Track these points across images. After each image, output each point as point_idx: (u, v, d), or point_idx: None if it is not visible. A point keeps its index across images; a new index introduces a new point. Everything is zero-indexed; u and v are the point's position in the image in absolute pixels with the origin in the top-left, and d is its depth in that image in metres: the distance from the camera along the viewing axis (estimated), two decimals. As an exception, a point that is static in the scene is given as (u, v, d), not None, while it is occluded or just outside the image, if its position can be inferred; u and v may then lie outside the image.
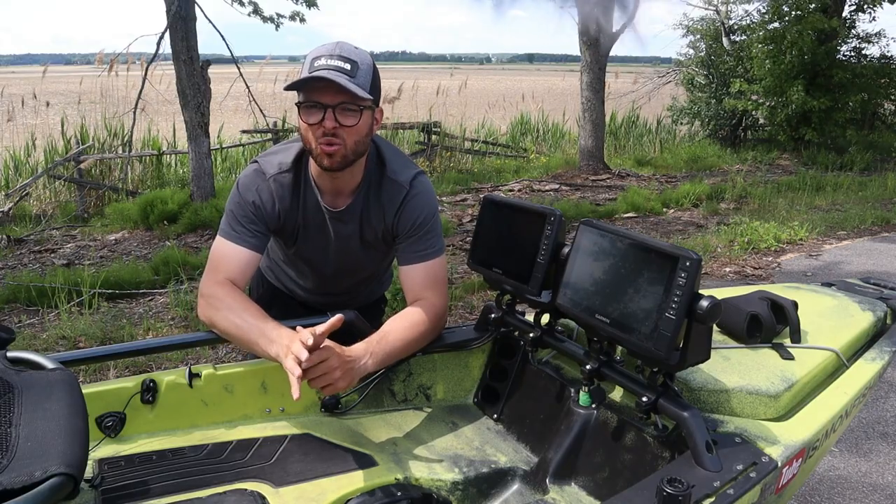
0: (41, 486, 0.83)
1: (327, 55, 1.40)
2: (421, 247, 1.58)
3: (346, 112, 1.41)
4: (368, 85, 1.43)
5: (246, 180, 1.55)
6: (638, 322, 1.20)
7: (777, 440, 1.25)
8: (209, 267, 1.52)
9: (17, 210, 6.94)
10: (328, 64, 1.39)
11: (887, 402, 3.26)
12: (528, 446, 1.51)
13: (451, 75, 18.35)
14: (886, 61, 12.24)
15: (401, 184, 1.57)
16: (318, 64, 1.39)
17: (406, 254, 1.59)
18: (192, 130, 6.53)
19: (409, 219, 1.57)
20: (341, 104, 1.40)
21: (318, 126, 1.41)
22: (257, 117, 7.85)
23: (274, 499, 1.23)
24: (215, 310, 1.45)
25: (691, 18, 14.08)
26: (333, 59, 1.39)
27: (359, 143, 1.46)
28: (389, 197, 1.57)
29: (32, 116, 10.61)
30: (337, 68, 1.39)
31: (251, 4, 7.71)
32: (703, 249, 5.90)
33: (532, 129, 12.90)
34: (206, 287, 1.49)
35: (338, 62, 1.39)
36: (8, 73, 35.80)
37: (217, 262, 1.51)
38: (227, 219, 1.54)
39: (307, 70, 1.40)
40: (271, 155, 1.58)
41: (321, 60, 1.40)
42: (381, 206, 1.58)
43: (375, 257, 1.72)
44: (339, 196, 1.58)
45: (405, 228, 1.58)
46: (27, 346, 3.66)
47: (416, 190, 1.58)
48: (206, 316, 1.48)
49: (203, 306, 1.49)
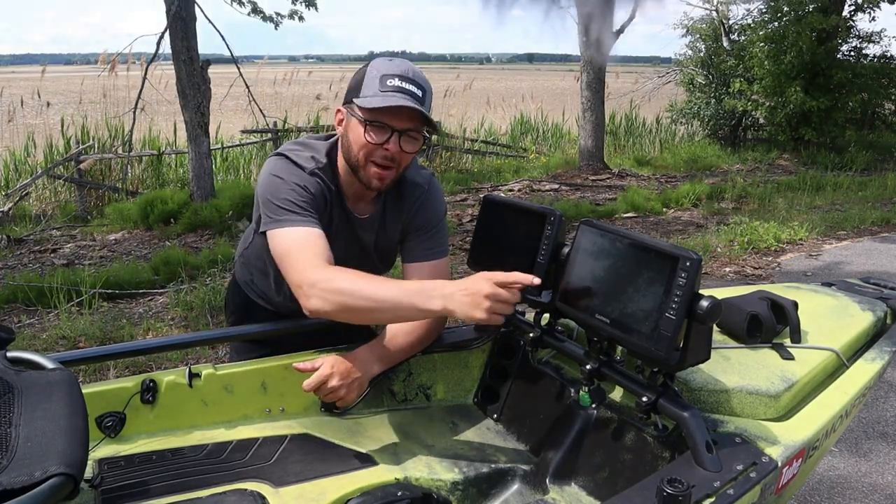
0: (41, 486, 0.83)
1: (401, 76, 1.38)
2: (431, 245, 1.59)
3: (410, 139, 1.41)
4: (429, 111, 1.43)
5: (288, 169, 1.45)
6: (638, 322, 1.20)
7: (777, 440, 1.25)
8: (292, 259, 1.36)
9: (16, 210, 6.94)
10: (403, 87, 1.37)
11: (887, 402, 3.26)
12: (528, 446, 1.51)
13: (458, 77, 18.36)
14: (886, 61, 12.24)
15: (419, 184, 1.59)
16: (391, 84, 1.37)
17: (414, 251, 1.60)
18: (192, 130, 6.53)
19: (425, 215, 1.59)
20: (408, 130, 1.40)
21: (379, 147, 1.40)
22: (257, 117, 7.85)
23: (274, 499, 1.22)
24: (338, 295, 1.29)
25: (691, 18, 14.07)
26: (407, 82, 1.38)
27: (407, 167, 1.48)
28: (408, 198, 1.58)
29: (33, 116, 10.61)
30: (412, 94, 1.37)
31: (250, 4, 7.72)
32: (703, 249, 5.90)
33: (532, 128, 12.90)
34: (308, 276, 1.32)
35: (412, 87, 1.38)
36: (8, 73, 35.79)
37: (300, 250, 1.36)
38: (281, 207, 1.40)
39: (378, 86, 1.37)
40: (299, 151, 1.49)
41: (395, 81, 1.37)
42: (400, 213, 1.59)
43: (385, 266, 1.72)
44: (361, 202, 1.57)
45: (419, 225, 1.59)
46: (27, 346, 3.66)
47: (432, 189, 1.60)
48: (329, 302, 1.30)
49: (320, 294, 1.30)
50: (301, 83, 13.97)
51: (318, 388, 1.37)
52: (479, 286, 1.19)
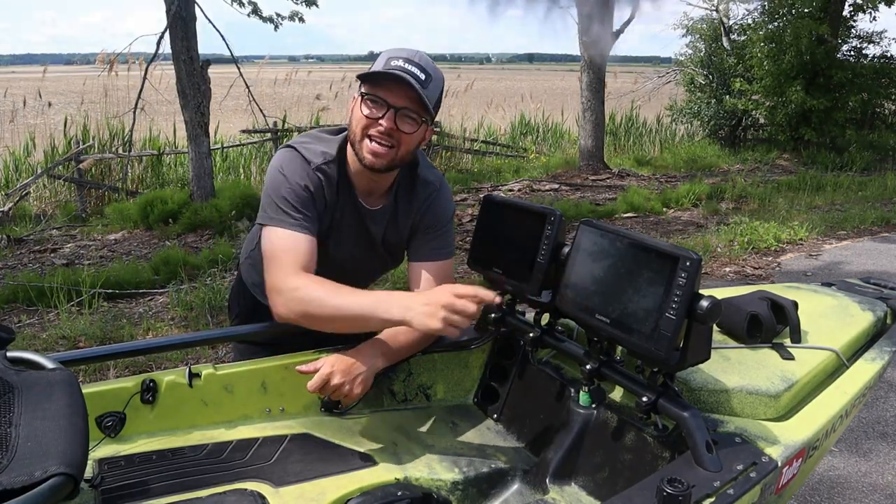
0: (41, 486, 0.83)
1: (406, 59, 1.39)
2: (437, 245, 1.59)
3: (407, 118, 1.40)
4: (434, 100, 1.43)
5: (292, 165, 1.46)
6: (638, 322, 1.20)
7: (777, 440, 1.25)
8: (273, 262, 1.41)
9: (17, 210, 6.94)
10: (405, 67, 1.37)
11: (887, 402, 3.26)
12: (528, 446, 1.51)
13: (458, 77, 18.38)
14: (886, 61, 12.24)
15: (432, 183, 1.59)
16: (394, 64, 1.38)
17: (421, 250, 1.60)
18: (192, 130, 6.53)
19: (436, 213, 1.59)
20: (405, 109, 1.39)
21: (374, 122, 1.39)
22: (257, 117, 7.85)
23: (274, 499, 1.22)
24: (306, 304, 1.35)
25: (691, 18, 14.07)
26: (411, 64, 1.38)
27: (408, 152, 1.46)
28: (421, 194, 1.58)
29: (33, 116, 10.62)
30: (413, 74, 1.37)
31: (251, 4, 7.72)
32: (703, 249, 5.90)
33: (532, 129, 12.90)
34: (282, 282, 1.38)
35: (415, 69, 1.38)
36: (8, 73, 35.79)
37: (282, 253, 1.40)
38: (278, 206, 1.43)
39: (381, 65, 1.39)
40: (310, 144, 1.50)
41: (398, 62, 1.38)
42: (410, 209, 1.59)
43: (392, 260, 1.72)
44: (372, 196, 1.56)
45: (429, 223, 1.59)
46: (27, 346, 3.66)
47: (444, 188, 1.61)
48: (293, 311, 1.37)
49: (285, 302, 1.37)
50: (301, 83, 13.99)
51: (322, 387, 1.37)
52: (438, 296, 1.23)
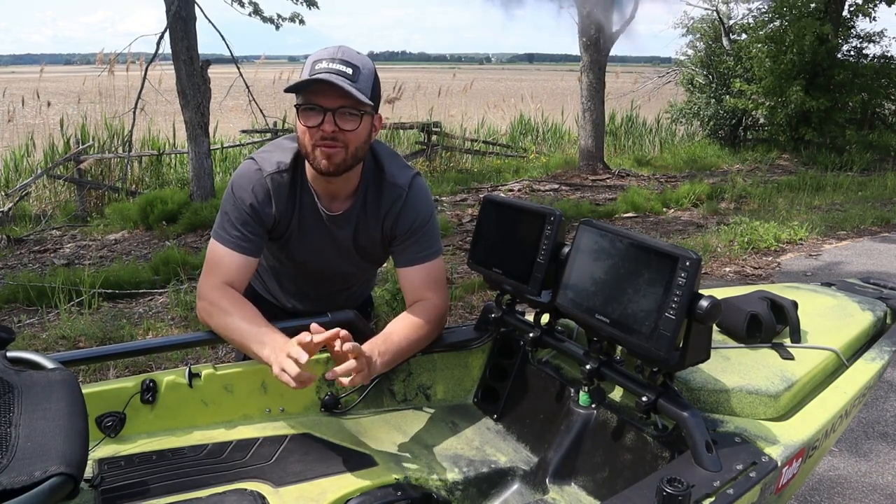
0: (41, 485, 0.83)
1: (329, 59, 1.39)
2: (420, 249, 1.58)
3: (346, 116, 1.40)
4: (369, 90, 1.42)
5: (241, 179, 1.52)
6: (638, 322, 1.20)
7: (777, 440, 1.25)
8: (206, 269, 1.52)
9: (16, 210, 6.95)
10: (329, 67, 1.38)
11: (887, 402, 3.26)
12: (528, 446, 1.51)
13: (454, 76, 18.35)
14: (886, 61, 12.23)
15: (399, 186, 1.56)
16: (318, 67, 1.38)
17: (404, 255, 1.59)
18: (192, 130, 6.53)
19: (407, 221, 1.56)
20: (341, 108, 1.39)
21: (316, 129, 1.40)
22: (256, 117, 7.85)
23: (274, 499, 1.23)
24: (210, 315, 1.48)
25: (691, 18, 14.07)
26: (335, 62, 1.39)
27: (358, 148, 1.45)
28: (388, 200, 1.56)
29: (32, 116, 10.61)
30: (338, 72, 1.38)
31: (251, 5, 7.72)
32: (703, 249, 5.90)
33: (532, 129, 12.90)
34: (203, 290, 1.50)
35: (339, 66, 1.38)
36: (8, 73, 35.78)
37: (213, 265, 1.51)
38: (221, 220, 1.52)
39: (308, 73, 1.39)
40: (268, 153, 1.56)
41: (322, 64, 1.39)
42: (379, 211, 1.58)
43: (368, 262, 1.71)
44: (335, 200, 1.56)
45: (404, 230, 1.57)
46: (27, 346, 3.66)
47: (415, 192, 1.57)
48: (203, 319, 1.51)
49: (201, 309, 1.51)
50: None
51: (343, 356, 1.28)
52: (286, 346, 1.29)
